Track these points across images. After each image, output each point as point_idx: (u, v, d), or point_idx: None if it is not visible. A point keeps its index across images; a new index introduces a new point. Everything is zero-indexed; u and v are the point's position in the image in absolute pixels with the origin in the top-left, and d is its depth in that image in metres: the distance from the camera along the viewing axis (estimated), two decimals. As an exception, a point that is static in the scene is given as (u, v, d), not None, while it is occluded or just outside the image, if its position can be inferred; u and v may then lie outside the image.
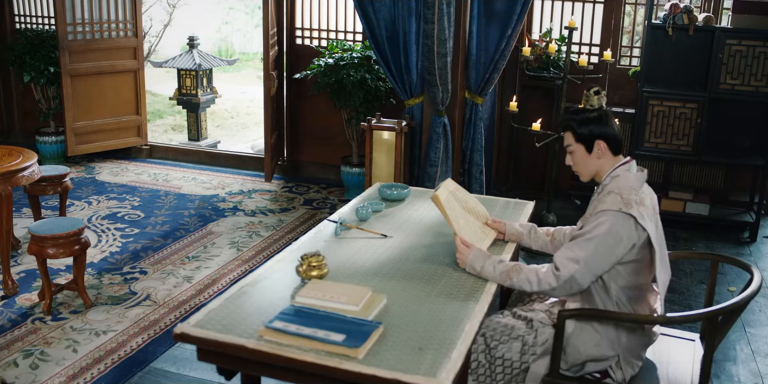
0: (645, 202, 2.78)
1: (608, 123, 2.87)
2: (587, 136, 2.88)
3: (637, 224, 2.70)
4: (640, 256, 2.78)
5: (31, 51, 7.36)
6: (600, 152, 2.88)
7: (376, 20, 5.70)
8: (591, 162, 2.92)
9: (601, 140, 2.86)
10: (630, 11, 6.99)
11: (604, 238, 2.70)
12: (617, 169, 2.87)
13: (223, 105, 13.00)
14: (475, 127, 5.81)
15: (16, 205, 5.41)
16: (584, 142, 2.89)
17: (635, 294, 2.84)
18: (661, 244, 2.84)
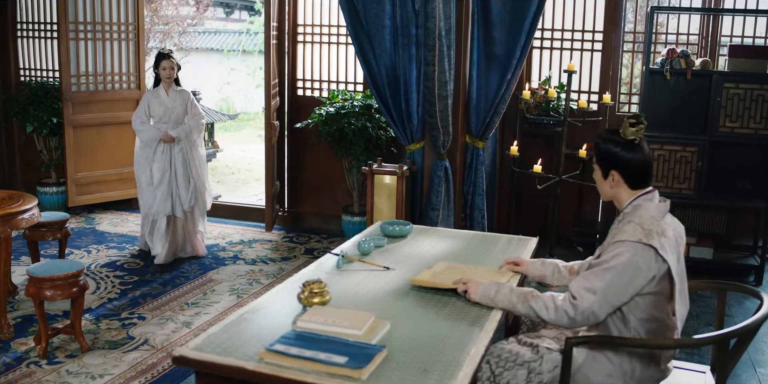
0: (667, 233, 2.69)
1: (632, 156, 2.76)
2: (604, 161, 2.83)
3: (658, 255, 2.61)
4: (659, 289, 2.69)
5: (35, 102, 7.44)
6: (613, 182, 2.82)
7: (377, 67, 5.78)
8: (605, 187, 2.88)
9: (615, 171, 2.80)
10: (627, 63, 7.10)
11: (623, 269, 2.61)
12: (638, 199, 2.80)
13: (224, 161, 13.09)
14: (476, 171, 5.81)
15: (14, 253, 5.37)
16: (601, 167, 2.85)
17: (654, 327, 2.74)
18: (682, 277, 2.75)
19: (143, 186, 6.06)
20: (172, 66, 6.01)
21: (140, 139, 6.06)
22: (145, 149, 6.01)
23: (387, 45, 5.73)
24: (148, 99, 6.08)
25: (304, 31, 7.28)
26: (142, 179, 6.05)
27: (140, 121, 6.03)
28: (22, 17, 8.09)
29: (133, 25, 7.67)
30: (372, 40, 5.75)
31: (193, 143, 6.14)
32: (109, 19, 7.51)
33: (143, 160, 6.02)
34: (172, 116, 6.08)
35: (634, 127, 2.76)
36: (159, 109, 6.05)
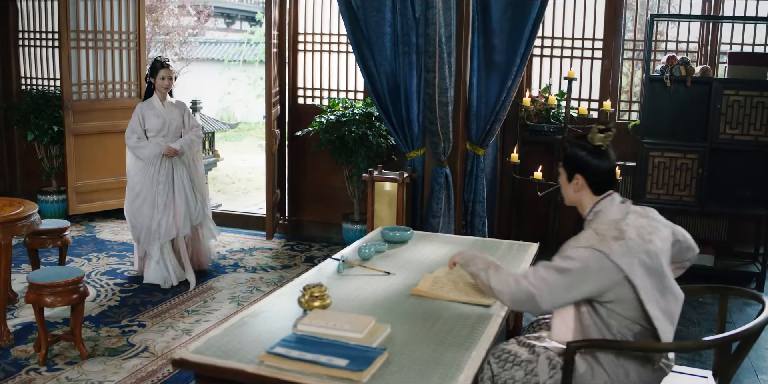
0: (627, 234, 2.64)
1: (597, 162, 2.77)
2: (570, 164, 2.83)
3: (609, 260, 2.57)
4: (626, 293, 2.62)
5: (36, 110, 7.45)
6: (578, 186, 2.81)
7: (378, 74, 5.79)
8: (569, 191, 2.87)
9: (580, 175, 2.79)
10: (627, 72, 7.12)
11: (572, 273, 2.59)
12: (599, 204, 2.79)
13: (225, 170, 13.10)
14: (477, 178, 5.82)
15: (15, 261, 5.35)
16: (567, 170, 2.85)
17: (639, 330, 2.69)
18: (656, 274, 2.67)
19: (144, 211, 5.61)
20: (170, 76, 5.66)
21: (140, 157, 5.59)
22: (147, 168, 5.58)
23: (387, 52, 5.74)
24: (143, 111, 5.67)
25: (304, 39, 7.30)
26: (145, 204, 5.59)
27: (137, 136, 5.60)
28: (24, 26, 8.11)
29: (135, 34, 7.70)
30: (372, 48, 5.77)
31: (194, 155, 5.84)
32: (111, 28, 7.53)
33: (148, 181, 5.57)
34: (170, 129, 5.69)
35: (603, 133, 2.76)
36: (156, 122, 5.63)
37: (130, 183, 5.66)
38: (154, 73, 5.64)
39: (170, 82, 5.68)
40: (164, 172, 5.61)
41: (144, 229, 5.62)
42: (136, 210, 5.62)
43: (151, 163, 5.57)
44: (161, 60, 5.70)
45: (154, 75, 5.65)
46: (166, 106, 5.72)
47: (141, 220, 5.62)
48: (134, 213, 5.65)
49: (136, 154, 5.61)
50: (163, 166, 5.61)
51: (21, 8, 8.09)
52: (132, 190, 5.64)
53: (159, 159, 5.59)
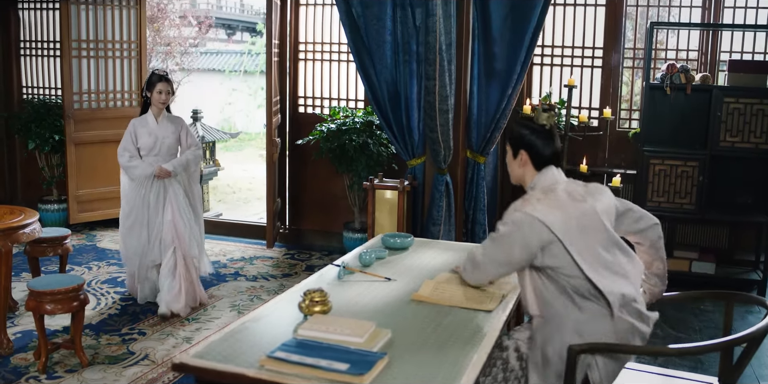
0: (554, 194, 2.81)
1: (541, 139, 2.91)
2: (515, 142, 2.97)
3: (534, 218, 2.70)
4: (559, 252, 2.71)
5: (37, 119, 7.47)
6: (521, 161, 2.95)
7: (378, 82, 5.80)
8: (514, 167, 3.01)
9: (524, 150, 2.93)
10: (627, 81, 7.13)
11: (504, 237, 2.79)
12: (537, 177, 2.93)
13: (225, 180, 13.10)
14: (477, 186, 5.82)
15: (15, 270, 5.36)
16: (512, 147, 2.99)
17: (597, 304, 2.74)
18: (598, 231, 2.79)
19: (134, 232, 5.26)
20: (168, 90, 5.26)
21: (131, 176, 5.25)
22: (138, 189, 5.23)
23: (388, 61, 5.75)
24: (135, 128, 5.27)
25: (305, 48, 7.32)
26: (136, 224, 5.26)
27: (129, 155, 5.23)
28: (26, 36, 8.14)
29: (136, 43, 7.72)
30: (373, 56, 5.78)
31: (191, 176, 5.46)
32: (112, 37, 7.55)
33: (139, 201, 5.24)
34: (162, 147, 5.27)
35: (546, 112, 2.99)
36: (148, 140, 5.23)
37: (123, 202, 5.38)
38: (151, 87, 5.24)
39: (168, 96, 5.28)
40: (155, 194, 5.25)
41: (132, 250, 5.31)
42: (127, 230, 5.31)
43: (142, 184, 5.23)
44: (159, 72, 5.32)
45: (150, 88, 5.24)
46: (161, 123, 5.32)
47: (130, 241, 5.31)
48: (125, 233, 5.35)
49: (127, 174, 5.29)
50: (154, 187, 5.24)
51: (23, 18, 8.12)
52: (123, 210, 5.36)
53: (150, 180, 5.22)
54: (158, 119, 5.33)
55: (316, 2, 7.22)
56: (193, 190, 5.47)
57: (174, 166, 5.26)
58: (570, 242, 2.70)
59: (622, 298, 2.75)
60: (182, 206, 5.30)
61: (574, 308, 2.75)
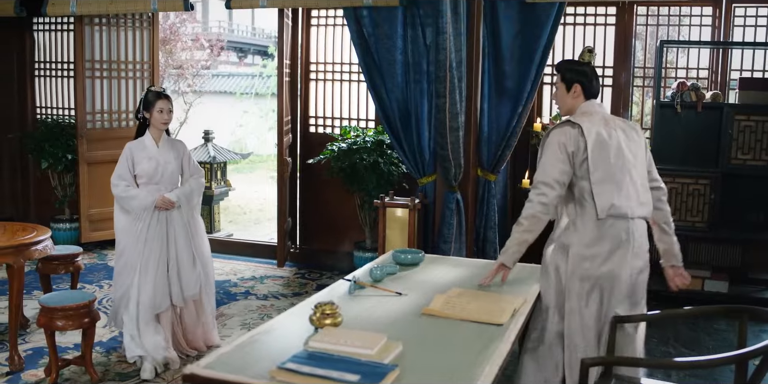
0: (591, 115, 3.39)
1: (589, 74, 3.49)
2: (569, 78, 3.50)
3: (572, 125, 3.33)
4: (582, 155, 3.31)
5: (51, 139, 7.54)
6: (575, 93, 3.48)
7: (389, 101, 5.83)
8: (567, 99, 3.51)
9: (578, 84, 3.47)
10: (638, 101, 7.12)
11: (548, 147, 3.37)
12: (584, 105, 3.45)
13: (236, 201, 13.13)
14: (488, 204, 5.82)
15: (27, 287, 5.37)
16: (566, 83, 3.50)
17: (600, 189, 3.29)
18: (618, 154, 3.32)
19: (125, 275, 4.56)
20: (170, 108, 4.64)
21: (128, 208, 4.57)
22: (135, 223, 4.54)
23: (398, 79, 5.79)
24: (132, 153, 4.60)
25: (316, 68, 7.37)
26: (127, 267, 4.54)
27: (125, 184, 4.57)
28: (40, 57, 8.23)
29: (148, 64, 7.79)
30: (384, 75, 5.82)
31: (194, 208, 4.80)
32: (125, 58, 7.63)
33: (133, 239, 4.54)
34: (165, 174, 4.63)
35: (591, 52, 3.57)
36: (148, 166, 4.57)
37: (116, 240, 4.66)
38: (150, 106, 4.58)
39: (170, 116, 4.66)
40: (155, 229, 4.58)
41: (120, 296, 4.59)
42: (117, 273, 4.63)
43: (140, 218, 4.54)
44: (157, 90, 4.70)
45: (149, 108, 4.59)
46: (162, 147, 4.67)
47: (119, 287, 4.60)
48: (115, 276, 4.68)
49: (123, 205, 4.60)
50: (154, 220, 4.58)
51: (38, 39, 8.22)
52: (117, 247, 4.65)
53: (150, 212, 4.56)
54: (158, 143, 4.67)
55: (327, 23, 7.29)
56: (197, 224, 4.81)
57: (178, 195, 4.63)
58: (592, 149, 3.28)
59: (611, 207, 3.28)
60: (181, 246, 4.66)
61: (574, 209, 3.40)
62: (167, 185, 4.65)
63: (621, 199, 3.28)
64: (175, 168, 4.69)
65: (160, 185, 4.62)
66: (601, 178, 3.27)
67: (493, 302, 3.14)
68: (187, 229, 4.70)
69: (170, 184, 4.67)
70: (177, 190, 4.66)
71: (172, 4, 6.46)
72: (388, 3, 5.67)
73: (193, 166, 4.83)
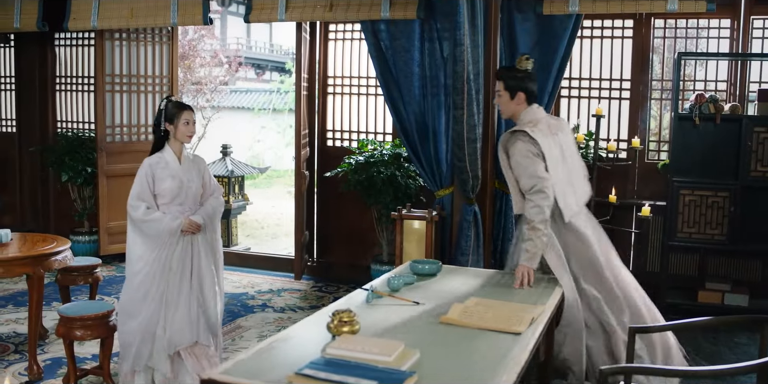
0: (539, 125, 3.83)
1: (532, 81, 3.89)
2: (513, 86, 3.86)
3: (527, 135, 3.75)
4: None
5: (71, 152, 7.62)
6: (519, 100, 3.87)
7: (406, 114, 5.85)
8: (511, 106, 3.90)
9: (522, 92, 3.85)
10: (655, 114, 7.10)
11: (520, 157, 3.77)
12: (528, 111, 3.88)
13: (254, 216, 13.17)
14: (506, 217, 5.81)
15: (46, 299, 5.41)
16: (510, 91, 3.86)
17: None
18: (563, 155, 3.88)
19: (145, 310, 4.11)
20: (194, 120, 4.28)
21: (149, 234, 4.12)
22: (159, 252, 4.11)
23: (416, 92, 5.81)
24: (153, 171, 4.17)
25: (334, 82, 7.41)
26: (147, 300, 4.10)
27: (146, 205, 4.14)
28: (62, 72, 8.33)
29: (167, 78, 7.87)
30: (401, 88, 5.84)
31: (215, 230, 4.41)
32: (144, 72, 7.71)
33: (158, 268, 4.11)
34: (189, 194, 4.25)
35: (528, 59, 3.88)
36: (171, 185, 4.17)
37: (130, 270, 4.18)
38: (173, 118, 4.18)
39: (195, 128, 4.30)
40: (180, 255, 4.17)
41: (139, 336, 4.12)
42: (133, 308, 4.14)
43: (164, 244, 4.11)
44: (177, 99, 4.40)
45: (173, 120, 4.18)
46: (184, 163, 4.26)
47: (136, 325, 4.12)
48: (129, 311, 4.15)
49: (143, 231, 4.14)
50: (179, 247, 4.17)
51: (59, 54, 8.32)
52: (131, 281, 4.17)
53: (176, 237, 4.14)
54: (180, 159, 4.27)
55: (344, 37, 7.34)
56: (219, 249, 4.44)
57: (202, 217, 4.26)
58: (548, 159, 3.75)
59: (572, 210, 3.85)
60: (206, 274, 4.29)
61: None
62: (191, 206, 4.27)
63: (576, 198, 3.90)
64: (198, 186, 4.30)
65: (184, 206, 4.22)
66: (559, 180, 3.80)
67: (511, 311, 3.13)
68: (209, 255, 4.33)
69: (194, 205, 4.29)
70: (201, 211, 4.29)
71: (192, 18, 6.53)
72: (405, 16, 5.71)
73: (213, 184, 4.46)
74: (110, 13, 6.81)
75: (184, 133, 4.19)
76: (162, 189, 4.16)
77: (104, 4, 6.83)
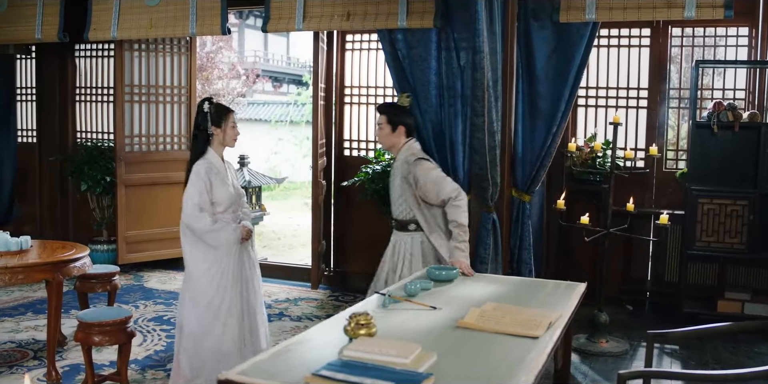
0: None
1: (411, 116, 4.54)
2: (396, 121, 4.40)
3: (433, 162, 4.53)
4: None
5: (90, 162, 7.68)
6: (399, 134, 4.42)
7: (423, 122, 5.84)
8: (392, 138, 4.43)
9: (402, 126, 4.41)
10: (673, 124, 7.07)
11: (433, 171, 4.36)
12: (407, 144, 4.46)
13: (271, 227, 13.21)
14: (523, 225, 5.78)
15: (64, 306, 5.43)
16: (392, 125, 4.39)
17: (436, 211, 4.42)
18: None
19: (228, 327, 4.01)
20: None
21: (214, 244, 3.97)
22: (222, 262, 3.99)
23: (433, 101, 5.80)
24: (210, 177, 3.99)
25: (351, 92, 7.44)
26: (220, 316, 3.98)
27: (209, 215, 3.98)
28: (81, 82, 8.42)
29: (186, 88, 7.93)
30: (418, 97, 5.84)
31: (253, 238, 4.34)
32: (163, 83, 7.78)
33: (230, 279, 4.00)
34: (240, 201, 4.21)
35: (408, 98, 4.58)
36: (225, 191, 4.04)
37: (196, 288, 4.01)
38: (221, 120, 4.06)
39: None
40: (237, 266, 4.09)
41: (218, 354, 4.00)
42: (205, 328, 3.99)
43: (229, 254, 4.00)
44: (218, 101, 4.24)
45: (220, 123, 4.05)
46: (228, 169, 4.19)
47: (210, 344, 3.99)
48: (202, 332, 3.98)
49: (207, 243, 3.97)
50: (242, 256, 4.11)
51: (79, 65, 8.41)
52: (198, 300, 3.99)
53: (237, 247, 4.05)
54: (225, 163, 4.17)
55: (361, 47, 7.37)
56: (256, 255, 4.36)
57: (250, 224, 4.21)
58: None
59: None
60: (255, 283, 4.23)
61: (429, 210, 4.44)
62: (239, 213, 4.19)
63: None
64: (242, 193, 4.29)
65: (236, 213, 4.14)
66: None
67: (528, 316, 3.11)
68: (257, 262, 4.30)
69: (240, 212, 4.22)
70: (246, 218, 4.21)
71: (210, 28, 6.58)
72: (422, 25, 5.72)
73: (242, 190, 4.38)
74: (130, 24, 6.88)
75: (231, 137, 4.10)
76: (219, 197, 4.03)
77: (124, 14, 6.90)
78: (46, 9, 7.14)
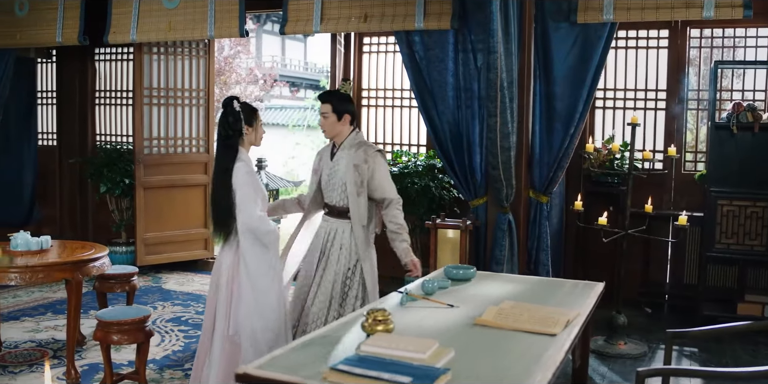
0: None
1: (352, 105, 4.32)
2: (341, 110, 4.22)
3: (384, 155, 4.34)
4: None
5: (109, 164, 7.74)
6: (345, 122, 4.24)
7: (440, 123, 5.86)
8: (337, 127, 4.24)
9: (348, 114, 4.24)
10: (692, 127, 7.02)
11: (384, 168, 4.24)
12: (356, 132, 4.31)
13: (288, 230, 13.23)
14: (540, 226, 5.76)
15: (83, 307, 5.47)
16: (337, 114, 4.21)
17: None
18: None
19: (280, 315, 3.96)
20: None
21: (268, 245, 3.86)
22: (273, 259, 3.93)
23: (450, 102, 5.82)
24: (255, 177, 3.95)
25: (368, 94, 7.45)
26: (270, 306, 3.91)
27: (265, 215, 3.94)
28: (101, 86, 8.49)
29: (204, 91, 7.98)
30: (435, 98, 5.86)
31: None
32: (181, 86, 7.82)
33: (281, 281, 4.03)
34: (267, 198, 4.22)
35: (349, 84, 4.48)
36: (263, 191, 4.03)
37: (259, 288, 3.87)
38: (252, 120, 3.99)
39: None
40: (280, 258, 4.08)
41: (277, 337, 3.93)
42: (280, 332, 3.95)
43: (277, 253, 3.96)
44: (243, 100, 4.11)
45: (252, 122, 3.99)
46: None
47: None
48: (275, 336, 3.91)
49: (265, 244, 3.85)
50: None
51: (99, 69, 8.48)
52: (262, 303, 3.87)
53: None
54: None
55: (378, 50, 7.39)
56: None
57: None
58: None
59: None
60: None
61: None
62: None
63: None
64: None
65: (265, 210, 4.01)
66: None
67: (546, 314, 3.11)
68: None
69: None
70: None
71: (228, 30, 6.61)
72: (439, 27, 5.73)
73: None
74: (149, 27, 6.92)
75: (261, 136, 4.08)
76: (261, 197, 3.94)
77: (143, 17, 6.95)
78: (66, 12, 7.20)
